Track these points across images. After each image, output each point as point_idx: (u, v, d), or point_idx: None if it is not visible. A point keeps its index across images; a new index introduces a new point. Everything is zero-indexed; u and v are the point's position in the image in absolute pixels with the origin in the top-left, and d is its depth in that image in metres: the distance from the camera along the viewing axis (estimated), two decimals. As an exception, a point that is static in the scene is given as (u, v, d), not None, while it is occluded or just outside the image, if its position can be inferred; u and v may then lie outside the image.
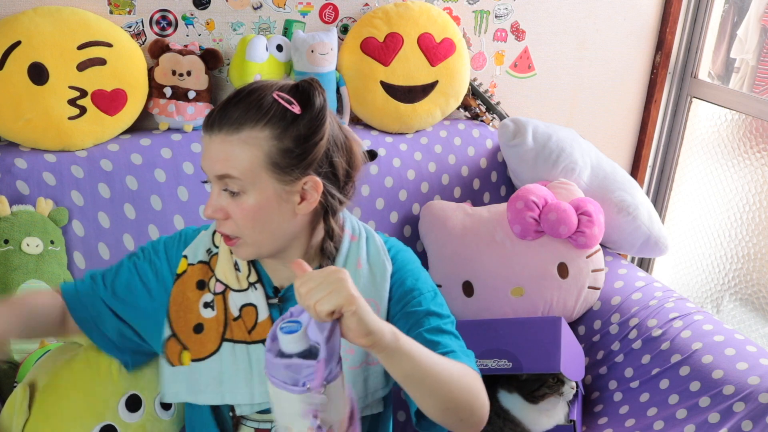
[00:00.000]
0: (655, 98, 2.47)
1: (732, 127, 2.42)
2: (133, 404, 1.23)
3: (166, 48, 1.76)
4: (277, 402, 0.90)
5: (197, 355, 1.14)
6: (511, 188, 2.11)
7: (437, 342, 1.07)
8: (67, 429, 1.19)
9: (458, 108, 2.15)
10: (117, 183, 1.67)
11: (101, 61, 1.66)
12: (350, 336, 0.90)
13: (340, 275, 0.89)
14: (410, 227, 1.99)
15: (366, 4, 1.98)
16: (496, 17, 2.16)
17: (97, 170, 1.67)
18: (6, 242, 1.51)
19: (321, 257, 1.15)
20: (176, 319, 1.15)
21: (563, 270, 1.84)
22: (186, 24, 1.81)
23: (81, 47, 1.64)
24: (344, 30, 1.98)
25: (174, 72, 1.75)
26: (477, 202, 2.06)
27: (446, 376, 0.99)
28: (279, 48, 1.85)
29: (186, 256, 1.18)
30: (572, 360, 1.62)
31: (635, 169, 2.57)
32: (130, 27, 1.76)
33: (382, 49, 1.92)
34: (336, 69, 1.92)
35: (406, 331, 1.02)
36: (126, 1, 1.73)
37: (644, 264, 2.65)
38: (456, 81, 2.03)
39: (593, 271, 1.86)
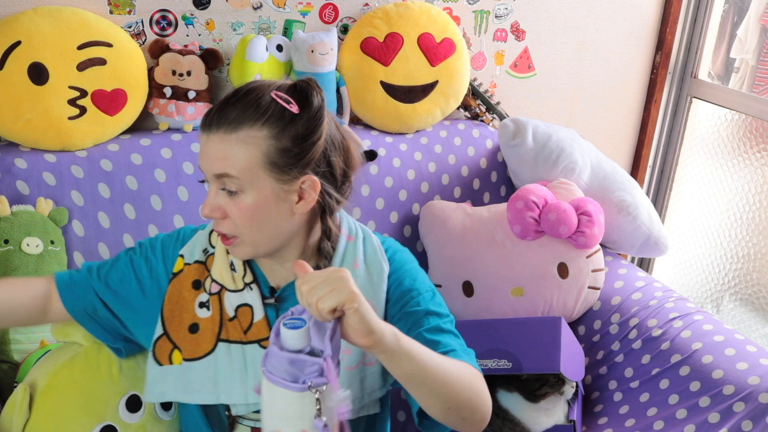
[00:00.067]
0: (655, 98, 2.47)
1: (732, 127, 2.42)
2: (134, 404, 1.23)
3: (166, 48, 1.76)
4: (271, 401, 0.89)
5: (192, 355, 1.13)
6: (511, 188, 2.11)
7: (437, 341, 1.07)
8: (68, 429, 1.19)
9: (458, 108, 2.15)
10: (117, 183, 1.67)
11: (101, 61, 1.66)
12: (352, 335, 0.90)
13: (342, 274, 0.89)
14: (410, 227, 1.99)
15: (366, 4, 1.98)
16: (496, 17, 2.16)
17: (97, 170, 1.67)
18: (6, 242, 1.51)
19: (318, 257, 1.14)
20: (170, 319, 1.15)
21: (563, 270, 1.84)
22: (186, 24, 1.81)
23: (81, 47, 1.64)
24: (344, 30, 1.98)
25: (174, 72, 1.75)
26: (477, 202, 2.06)
27: (448, 375, 0.99)
28: (279, 48, 1.85)
29: (182, 256, 1.18)
30: (572, 360, 1.62)
31: (635, 169, 2.57)
32: (130, 27, 1.76)
33: (382, 49, 1.92)
34: (336, 69, 1.92)
35: (406, 332, 1.02)
36: (126, 1, 1.73)
37: (644, 264, 2.65)
38: (456, 81, 2.03)
39: (593, 271, 1.86)
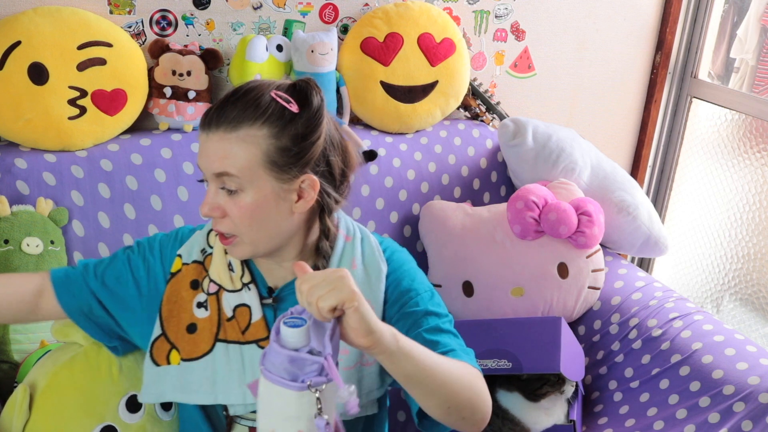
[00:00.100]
0: (655, 98, 2.47)
1: (732, 127, 2.42)
2: (134, 405, 1.23)
3: (166, 48, 1.75)
4: (268, 401, 0.88)
5: (190, 355, 1.13)
6: (511, 188, 2.10)
7: (437, 341, 1.07)
8: (68, 430, 1.19)
9: (458, 108, 2.15)
10: (117, 183, 1.67)
11: (101, 61, 1.66)
12: (351, 335, 0.90)
13: (342, 273, 0.89)
14: (410, 227, 1.98)
15: (366, 4, 1.98)
16: (496, 17, 2.16)
17: (97, 170, 1.66)
18: (6, 242, 1.51)
19: (316, 257, 1.14)
20: (169, 319, 1.15)
21: (563, 270, 1.84)
22: (186, 24, 1.81)
23: (81, 47, 1.64)
24: (344, 30, 1.98)
25: (174, 72, 1.75)
26: (477, 202, 2.06)
27: (447, 376, 0.99)
28: (279, 48, 1.85)
29: (180, 256, 1.18)
30: (572, 360, 1.62)
31: (635, 169, 2.57)
32: (130, 27, 1.76)
33: (382, 49, 1.92)
34: (336, 69, 1.92)
35: (405, 332, 1.02)
36: (126, 1, 1.73)
37: (644, 264, 2.65)
38: (456, 81, 2.03)
39: (593, 271, 1.86)
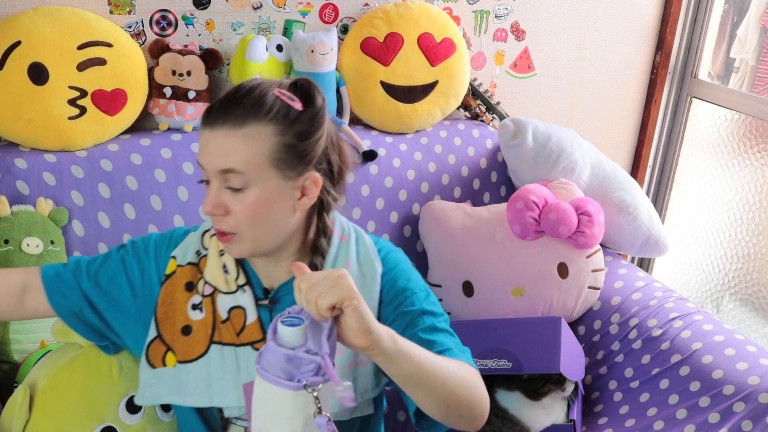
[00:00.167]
0: (655, 98, 2.47)
1: (732, 127, 2.42)
2: (134, 406, 1.22)
3: (166, 48, 1.75)
4: (263, 400, 0.88)
5: (185, 357, 1.13)
6: (511, 188, 2.10)
7: (433, 341, 1.07)
8: (68, 430, 1.19)
9: (458, 108, 2.15)
10: (117, 183, 1.67)
11: (101, 61, 1.66)
12: (350, 335, 0.89)
13: (342, 273, 0.89)
14: (410, 227, 1.98)
15: (366, 4, 1.98)
16: (496, 17, 2.16)
17: (97, 170, 1.66)
18: (6, 242, 1.51)
19: (313, 255, 1.14)
20: (164, 321, 1.15)
21: (563, 270, 1.84)
22: (186, 24, 1.81)
23: (81, 47, 1.64)
24: (344, 30, 1.98)
25: (174, 72, 1.75)
26: (477, 202, 2.06)
27: (445, 375, 0.99)
28: (279, 48, 1.85)
29: (175, 257, 1.18)
30: (572, 360, 1.62)
31: (635, 169, 2.57)
32: (130, 27, 1.75)
33: (382, 49, 1.92)
34: (336, 69, 1.92)
35: (401, 332, 1.02)
36: (126, 1, 1.73)
37: (644, 264, 2.65)
38: (456, 81, 2.03)
39: (593, 271, 1.86)
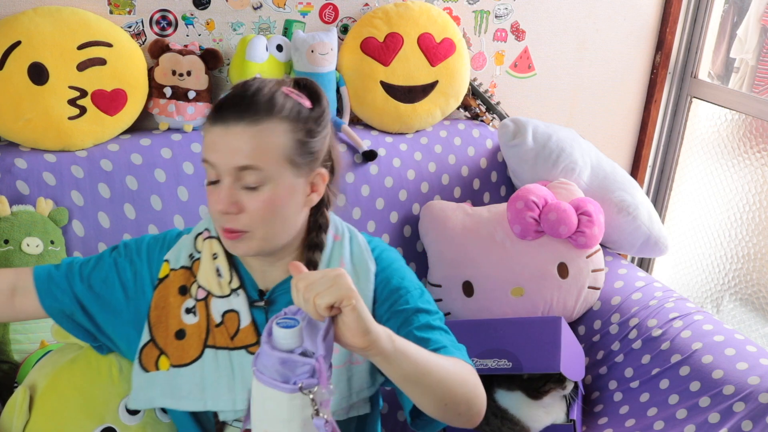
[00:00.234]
0: (655, 98, 2.47)
1: (732, 127, 2.42)
2: (134, 406, 1.23)
3: (166, 48, 1.75)
4: (260, 402, 0.88)
5: (179, 361, 1.13)
6: (511, 188, 2.10)
7: (428, 339, 1.07)
8: (67, 431, 1.19)
9: (458, 108, 2.15)
10: (117, 183, 1.67)
11: (101, 61, 1.66)
12: (348, 335, 0.89)
13: (340, 272, 0.89)
14: (410, 227, 1.98)
15: (366, 4, 1.98)
16: (496, 17, 2.16)
17: (97, 170, 1.66)
18: (6, 242, 1.51)
19: (310, 251, 1.14)
20: (157, 325, 1.14)
21: (563, 270, 1.84)
22: (186, 24, 1.81)
23: (81, 47, 1.64)
24: (344, 30, 1.98)
25: (174, 72, 1.75)
26: (477, 202, 2.06)
27: (443, 373, 0.99)
28: (279, 48, 1.85)
29: (168, 261, 1.17)
30: (572, 360, 1.62)
31: (635, 169, 2.57)
32: (130, 27, 1.75)
33: (382, 49, 1.92)
34: (336, 69, 1.92)
35: (396, 330, 1.02)
36: (126, 1, 1.73)
37: (644, 264, 2.65)
38: (456, 81, 2.03)
39: (593, 271, 1.86)
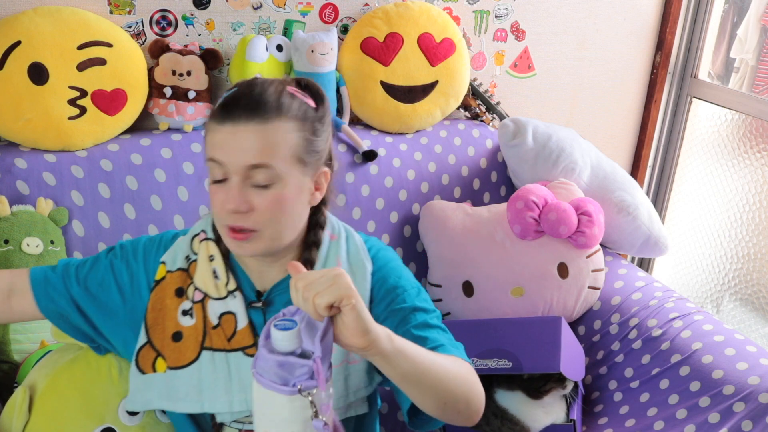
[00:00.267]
0: (655, 98, 2.47)
1: (732, 127, 2.42)
2: (134, 407, 1.23)
3: (166, 48, 1.75)
4: (261, 404, 0.88)
5: (176, 363, 1.13)
6: (511, 188, 2.10)
7: (425, 337, 1.07)
8: (67, 431, 1.19)
9: (458, 108, 2.15)
10: (117, 183, 1.67)
11: (101, 61, 1.66)
12: (347, 335, 0.89)
13: (339, 271, 0.89)
14: (410, 227, 1.98)
15: (366, 4, 1.98)
16: (496, 17, 2.16)
17: (97, 170, 1.66)
18: (6, 242, 1.51)
19: (308, 249, 1.14)
20: (153, 327, 1.14)
21: (563, 270, 1.84)
22: (186, 24, 1.81)
23: (81, 47, 1.64)
24: (344, 30, 1.98)
25: (174, 72, 1.75)
26: (477, 202, 2.06)
27: (442, 372, 0.99)
28: (279, 48, 1.85)
29: (164, 263, 1.17)
30: (572, 360, 1.62)
31: (635, 169, 2.57)
32: (130, 27, 1.75)
33: (382, 49, 1.92)
34: (336, 69, 1.92)
35: (393, 329, 1.02)
36: (126, 1, 1.73)
37: (644, 264, 2.65)
38: (456, 81, 2.03)
39: (593, 271, 1.86)
